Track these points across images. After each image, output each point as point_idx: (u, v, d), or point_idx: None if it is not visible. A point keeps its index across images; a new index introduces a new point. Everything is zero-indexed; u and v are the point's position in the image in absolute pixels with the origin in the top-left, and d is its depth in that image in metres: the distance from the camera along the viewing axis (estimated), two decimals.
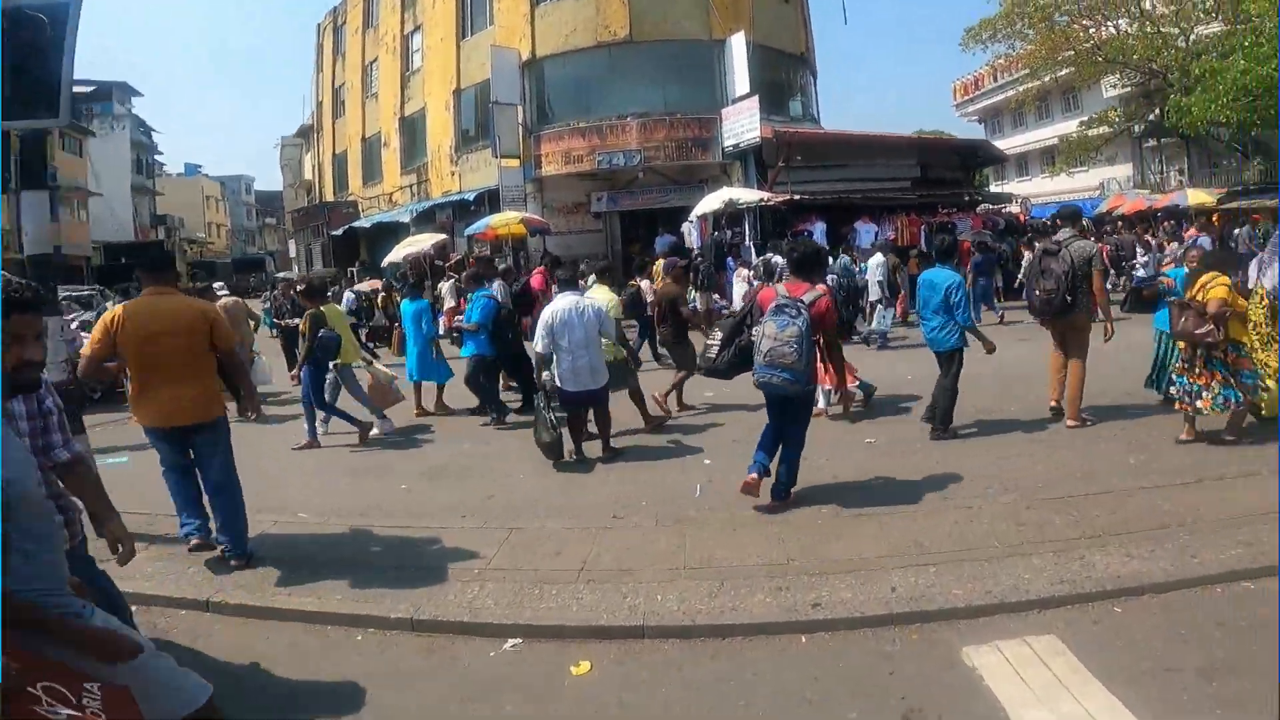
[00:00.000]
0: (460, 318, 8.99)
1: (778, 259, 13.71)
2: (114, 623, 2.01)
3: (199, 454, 4.31)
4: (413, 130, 25.34)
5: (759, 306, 4.82)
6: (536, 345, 6.06)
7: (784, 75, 21.18)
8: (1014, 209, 24.24)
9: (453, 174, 22.59)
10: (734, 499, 4.82)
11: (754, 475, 4.70)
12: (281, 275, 28.24)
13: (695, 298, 14.85)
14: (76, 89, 40.68)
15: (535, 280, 12.84)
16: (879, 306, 11.70)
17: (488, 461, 6.57)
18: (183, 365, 4.15)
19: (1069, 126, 31.05)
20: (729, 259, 15.43)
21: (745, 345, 4.77)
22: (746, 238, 15.90)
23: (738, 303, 8.02)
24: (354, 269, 25.05)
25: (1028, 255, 12.08)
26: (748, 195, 15.64)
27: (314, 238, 31.05)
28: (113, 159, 39.72)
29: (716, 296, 14.46)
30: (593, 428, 6.32)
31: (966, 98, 41.98)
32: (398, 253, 18.28)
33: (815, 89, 23.41)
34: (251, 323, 10.69)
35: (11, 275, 1.95)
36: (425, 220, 22.35)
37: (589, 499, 5.33)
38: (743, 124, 17.22)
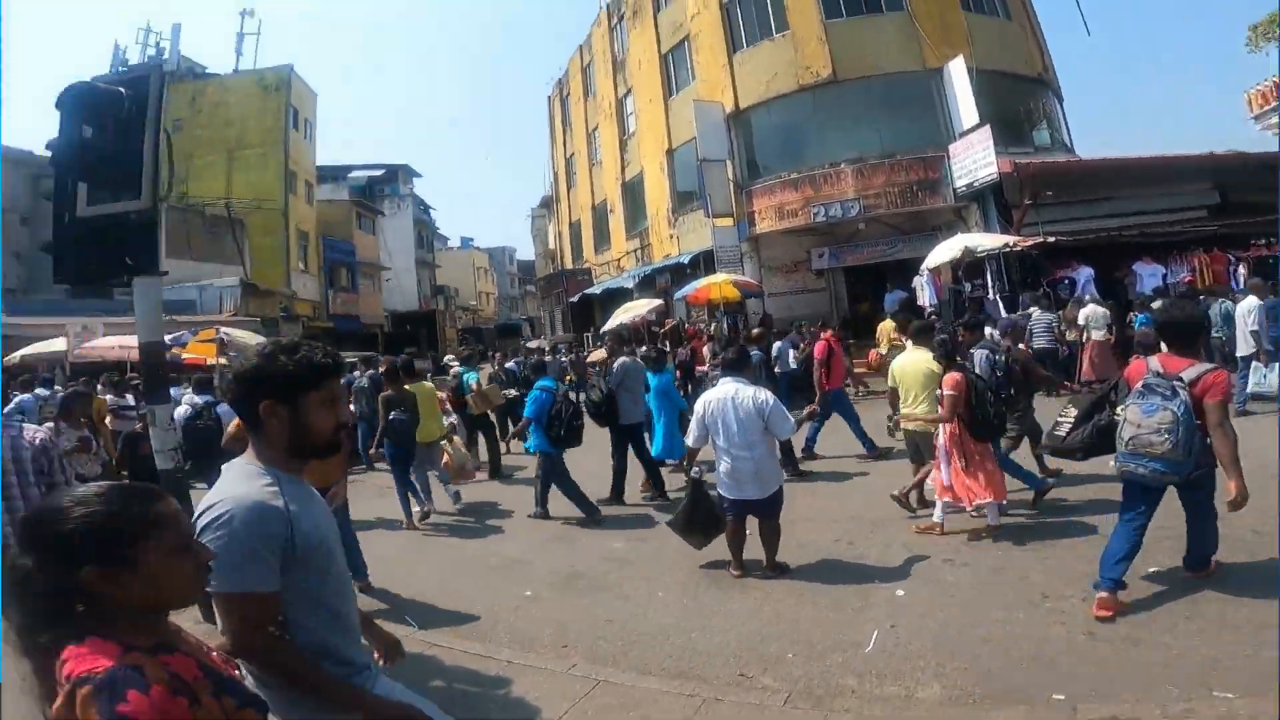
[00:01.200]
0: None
1: (1036, 313, 11.87)
2: (399, 690, 1.99)
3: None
4: (634, 195, 26.19)
5: (1125, 382, 4.21)
6: (687, 437, 5.38)
7: (1020, 101, 18.43)
8: None
9: (671, 237, 22.86)
10: (922, 661, 3.82)
11: (1105, 593, 3.98)
12: (533, 343, 30.25)
13: None
14: (369, 173, 48.87)
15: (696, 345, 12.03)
16: (1254, 362, 9.38)
17: (631, 568, 5.88)
18: None
19: None
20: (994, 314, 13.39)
21: (1105, 425, 4.19)
22: (990, 290, 13.88)
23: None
24: (588, 334, 26.36)
25: None
26: (988, 241, 13.65)
27: (555, 304, 33.40)
28: (399, 236, 46.41)
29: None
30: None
31: (1268, 107, 33.73)
32: (615, 319, 18.73)
33: (1062, 113, 20.13)
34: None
35: (315, 342, 2.01)
36: (647, 285, 22.84)
37: (722, 638, 4.40)
38: (975, 159, 15.20)
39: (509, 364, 14.10)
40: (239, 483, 1.73)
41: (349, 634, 1.89)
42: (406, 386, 7.57)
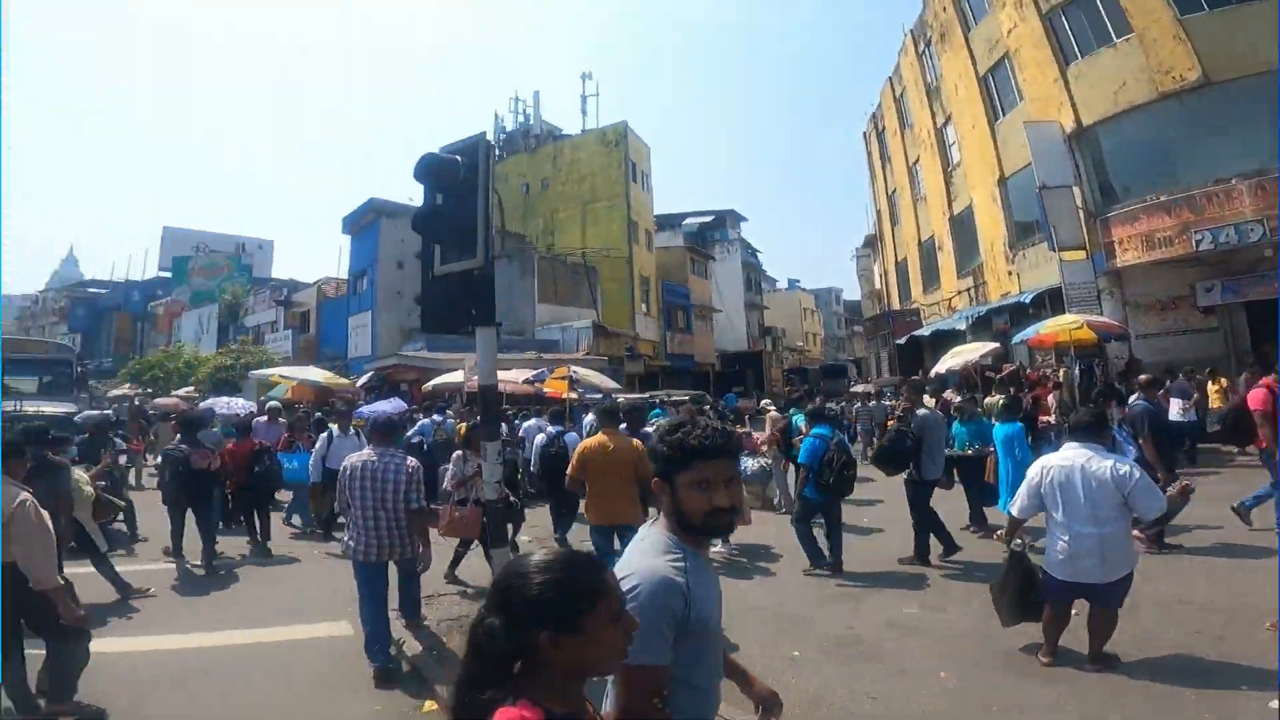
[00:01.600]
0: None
1: None
2: None
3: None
4: (963, 229, 24.37)
5: None
6: (1013, 504, 4.77)
7: None
8: None
9: (1009, 273, 20.80)
10: None
11: None
12: (859, 387, 29.15)
13: None
14: (700, 220, 52.59)
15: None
16: None
17: (917, 638, 5.27)
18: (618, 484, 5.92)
19: None
20: None
21: None
22: None
23: None
24: (915, 377, 25.00)
25: None
26: None
27: (881, 346, 32.34)
28: (728, 279, 49.01)
29: None
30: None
31: None
32: (943, 363, 17.61)
33: None
34: None
35: (705, 420, 2.10)
36: (982, 326, 21.03)
37: None
38: None
39: (829, 405, 14.11)
40: (649, 554, 1.81)
41: (711, 710, 1.91)
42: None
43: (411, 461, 5.51)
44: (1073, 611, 4.68)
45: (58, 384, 15.60)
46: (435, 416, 13.68)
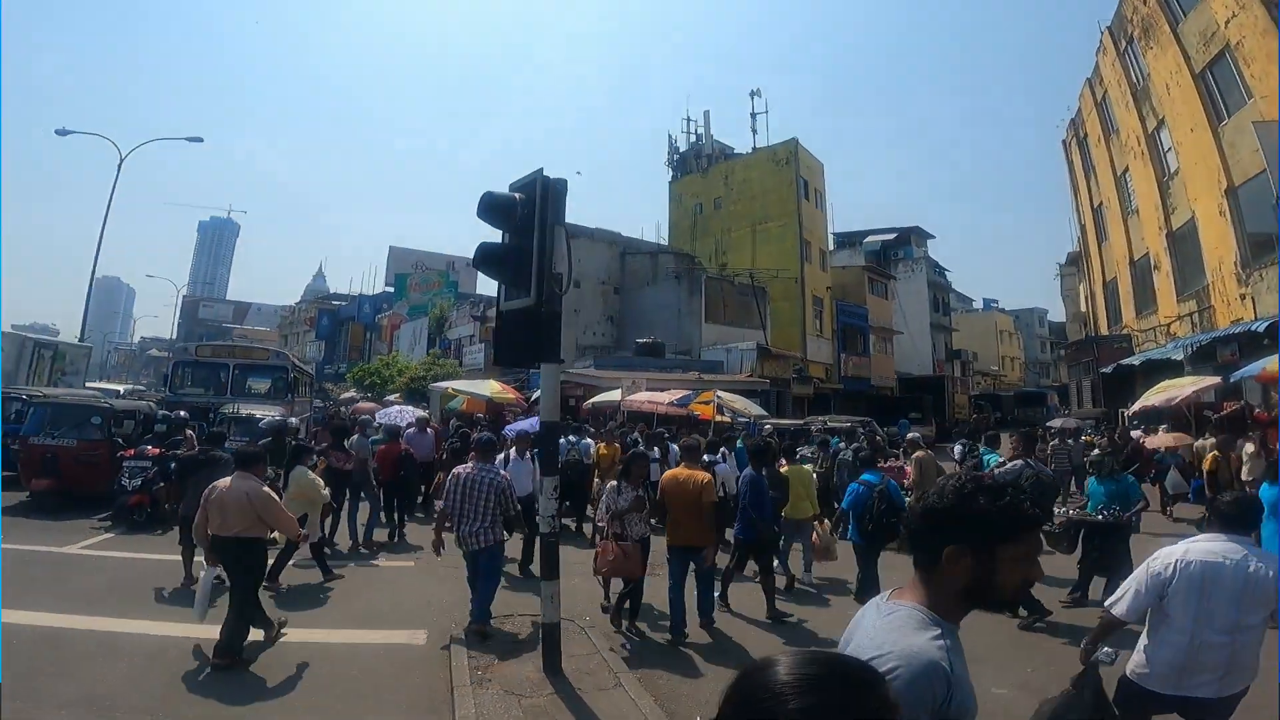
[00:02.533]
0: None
1: None
2: None
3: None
4: (1184, 246, 21.24)
5: None
6: (1118, 603, 3.60)
7: None
8: None
9: (1242, 297, 17.82)
10: None
11: None
12: (1056, 423, 25.66)
13: None
14: (882, 238, 50.27)
15: None
16: None
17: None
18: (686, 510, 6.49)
19: None
20: None
21: None
22: None
23: None
24: (1123, 411, 22.19)
25: None
26: None
27: (1084, 374, 29.05)
28: (912, 298, 46.39)
29: None
30: None
31: None
32: (1149, 398, 15.54)
33: None
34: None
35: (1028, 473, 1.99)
36: (1204, 358, 18.21)
37: None
38: None
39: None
40: (907, 631, 1.60)
41: None
42: (784, 469, 8.61)
43: (504, 474, 6.96)
44: None
45: (275, 388, 17.98)
46: (571, 437, 13.99)
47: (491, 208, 5.06)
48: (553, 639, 5.30)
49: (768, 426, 17.57)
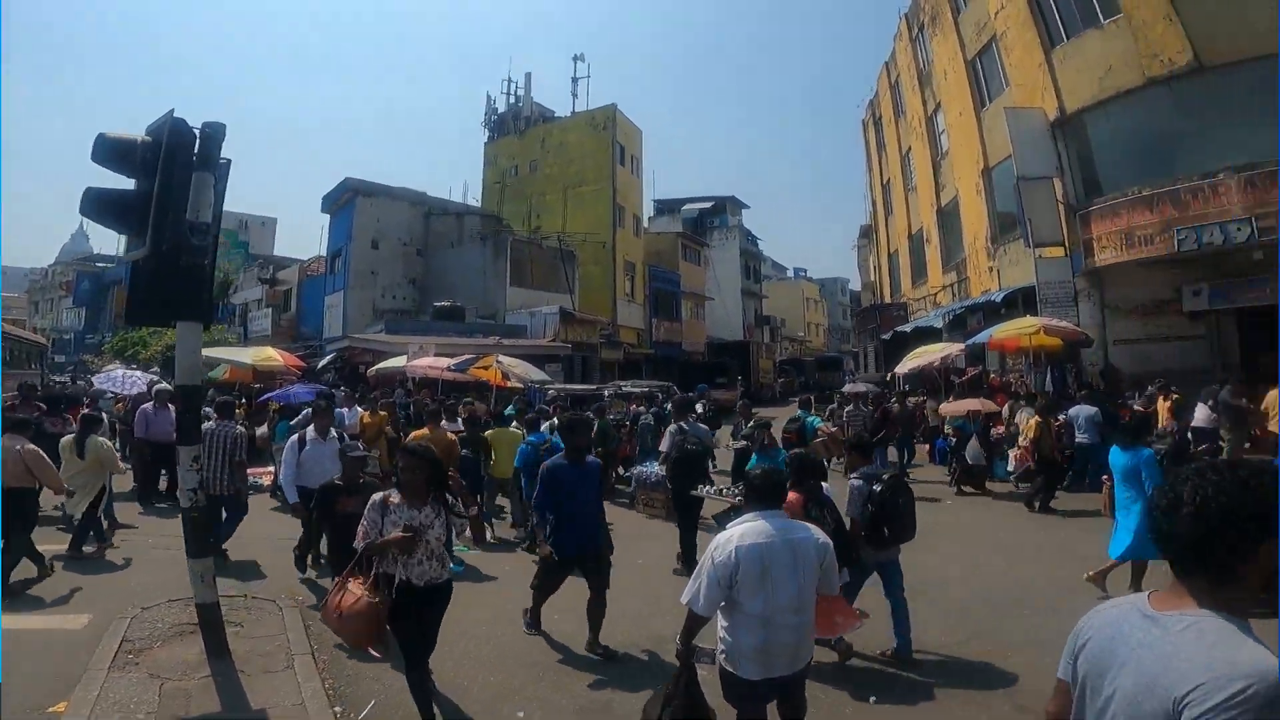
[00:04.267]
0: None
1: None
2: None
3: None
4: (950, 222, 23.09)
5: None
6: (696, 599, 3.26)
7: None
8: None
9: (990, 270, 19.55)
10: None
11: None
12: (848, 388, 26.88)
13: None
14: (700, 206, 51.36)
15: None
16: None
17: None
18: None
19: None
20: None
21: None
22: None
23: None
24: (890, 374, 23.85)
25: None
26: None
27: (870, 340, 31.22)
28: (726, 266, 47.83)
29: None
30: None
31: None
32: (905, 364, 16.57)
33: None
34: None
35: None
36: (957, 325, 19.87)
37: None
38: None
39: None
40: (1235, 644, 1.37)
41: None
42: (489, 433, 9.24)
43: (240, 428, 8.14)
44: None
45: None
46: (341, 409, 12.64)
47: (108, 151, 4.48)
48: (211, 620, 5.03)
49: (551, 391, 16.97)
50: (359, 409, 11.91)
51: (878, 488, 4.87)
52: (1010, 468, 11.26)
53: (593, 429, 7.65)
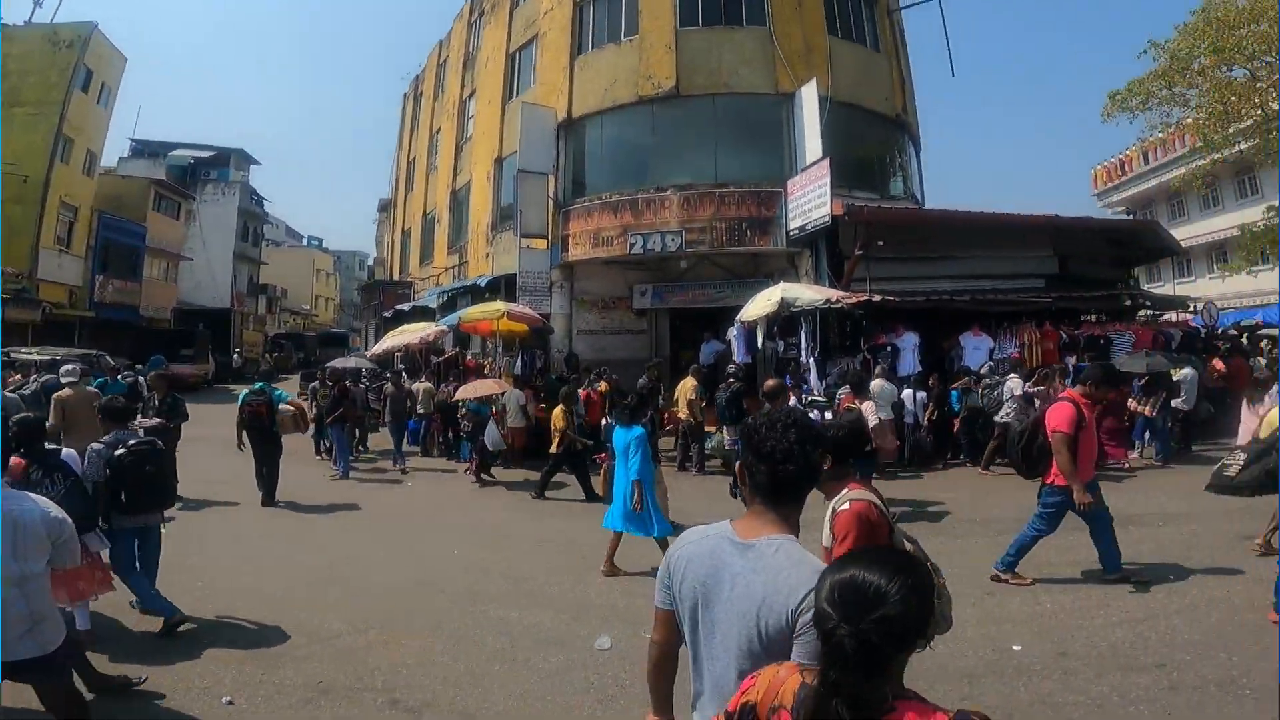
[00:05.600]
0: None
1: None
2: None
3: None
4: (460, 205, 23.12)
5: None
6: None
7: (876, 142, 16.93)
8: (1189, 316, 18.59)
9: (487, 255, 19.88)
10: None
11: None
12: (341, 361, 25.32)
13: (723, 436, 10.96)
14: (196, 153, 43.03)
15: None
16: None
17: None
18: None
19: (1247, 215, 24.80)
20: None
21: (1272, 469, 4.83)
22: (803, 352, 11.77)
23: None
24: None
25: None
26: (806, 294, 11.50)
27: (373, 316, 29.69)
28: (219, 225, 40.76)
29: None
30: None
31: (1111, 185, 35.70)
32: (383, 343, 15.59)
33: (918, 164, 18.77)
34: None
35: None
36: (450, 307, 19.69)
37: None
38: (811, 198, 13.21)
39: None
40: (814, 563, 1.67)
41: None
42: None
43: None
44: None
45: None
46: None
47: None
48: None
49: None
50: None
51: (120, 452, 4.83)
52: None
53: None
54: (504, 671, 4.44)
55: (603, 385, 12.21)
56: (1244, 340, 16.72)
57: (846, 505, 2.58)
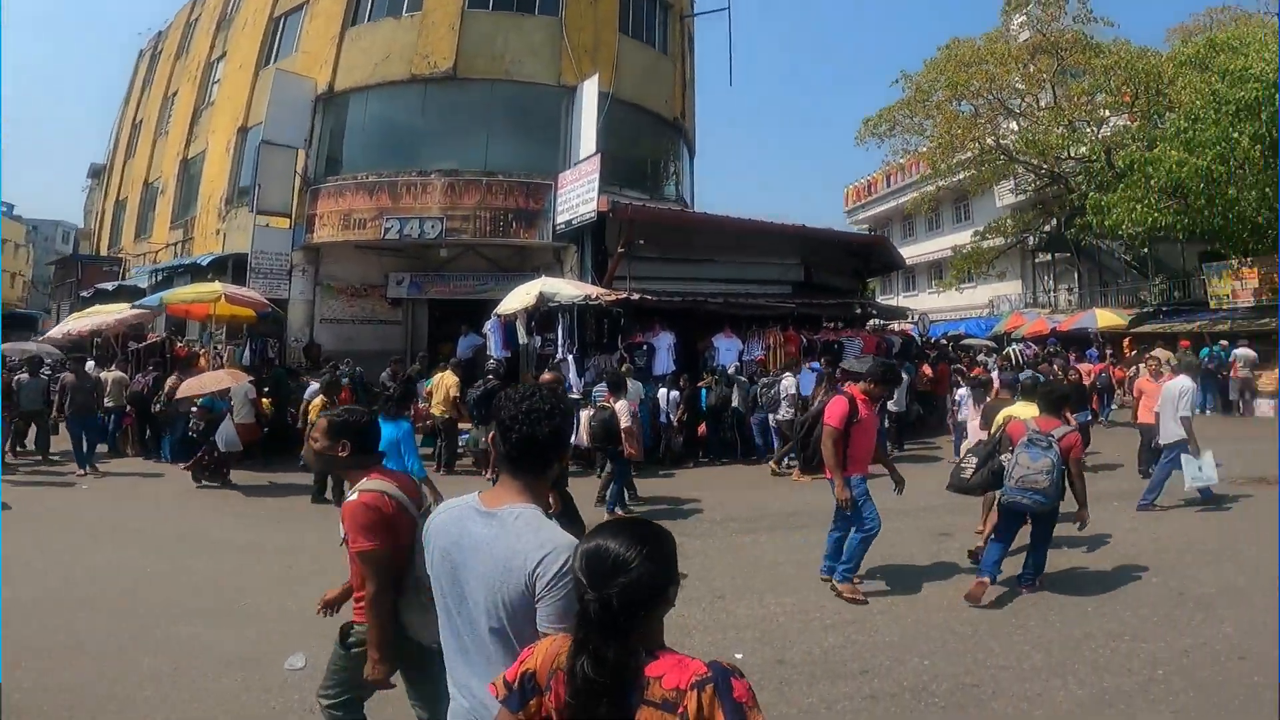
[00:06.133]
0: None
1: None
2: None
3: None
4: (191, 175, 20.07)
5: (1008, 437, 5.40)
6: None
7: (652, 144, 17.24)
8: (909, 326, 21.19)
9: (218, 232, 17.36)
10: None
11: (986, 579, 5.15)
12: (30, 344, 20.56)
13: (476, 432, 10.28)
14: None
15: None
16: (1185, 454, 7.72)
17: None
18: None
19: (959, 238, 29.23)
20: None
21: (997, 469, 5.32)
22: (560, 348, 11.40)
23: None
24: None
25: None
26: (566, 290, 11.13)
27: (68, 295, 24.92)
28: None
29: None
30: None
31: (859, 203, 40.24)
32: (64, 325, 13.01)
33: (691, 169, 19.38)
34: None
35: None
36: (165, 287, 16.88)
37: None
38: (580, 193, 12.99)
39: None
40: (552, 529, 1.76)
41: None
42: None
43: None
44: None
45: None
46: None
47: None
48: None
49: None
50: None
51: None
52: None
53: None
54: (155, 696, 3.75)
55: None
56: (949, 348, 19.19)
57: (354, 495, 2.52)
